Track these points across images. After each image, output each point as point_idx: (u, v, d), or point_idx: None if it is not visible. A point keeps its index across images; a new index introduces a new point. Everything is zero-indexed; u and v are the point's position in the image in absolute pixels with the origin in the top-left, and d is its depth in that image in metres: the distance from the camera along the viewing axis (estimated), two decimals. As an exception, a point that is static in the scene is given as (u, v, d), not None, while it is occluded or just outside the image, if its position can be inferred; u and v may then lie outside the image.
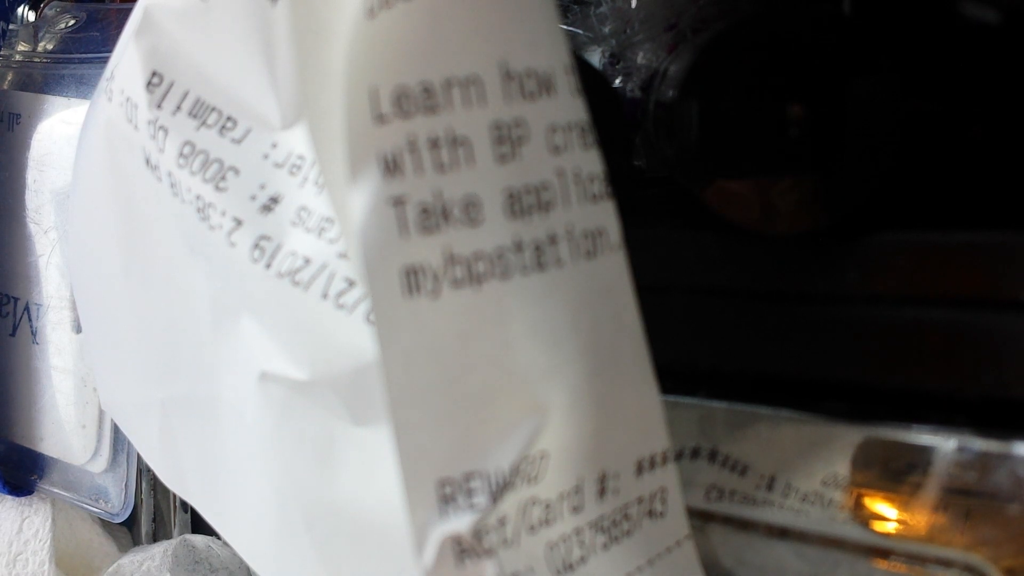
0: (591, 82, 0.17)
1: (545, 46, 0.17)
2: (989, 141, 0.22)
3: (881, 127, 0.23)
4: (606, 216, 0.17)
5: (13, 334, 0.36)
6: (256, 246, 0.19)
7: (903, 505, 0.20)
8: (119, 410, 0.25)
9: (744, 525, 0.22)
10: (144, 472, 0.34)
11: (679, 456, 0.23)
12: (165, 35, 0.20)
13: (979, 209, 0.22)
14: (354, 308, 0.18)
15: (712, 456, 0.23)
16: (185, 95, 0.19)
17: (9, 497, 0.37)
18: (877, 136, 0.23)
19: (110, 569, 0.32)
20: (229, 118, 0.19)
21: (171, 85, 0.20)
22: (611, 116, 0.22)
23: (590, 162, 0.17)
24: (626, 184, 0.18)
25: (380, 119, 0.16)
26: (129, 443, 0.31)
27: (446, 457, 0.16)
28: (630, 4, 0.24)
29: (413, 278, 0.16)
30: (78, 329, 0.33)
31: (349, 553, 0.20)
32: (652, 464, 0.17)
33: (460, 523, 0.16)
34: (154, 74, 0.20)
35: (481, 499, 0.16)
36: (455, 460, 0.16)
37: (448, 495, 0.16)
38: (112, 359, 0.24)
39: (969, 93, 0.22)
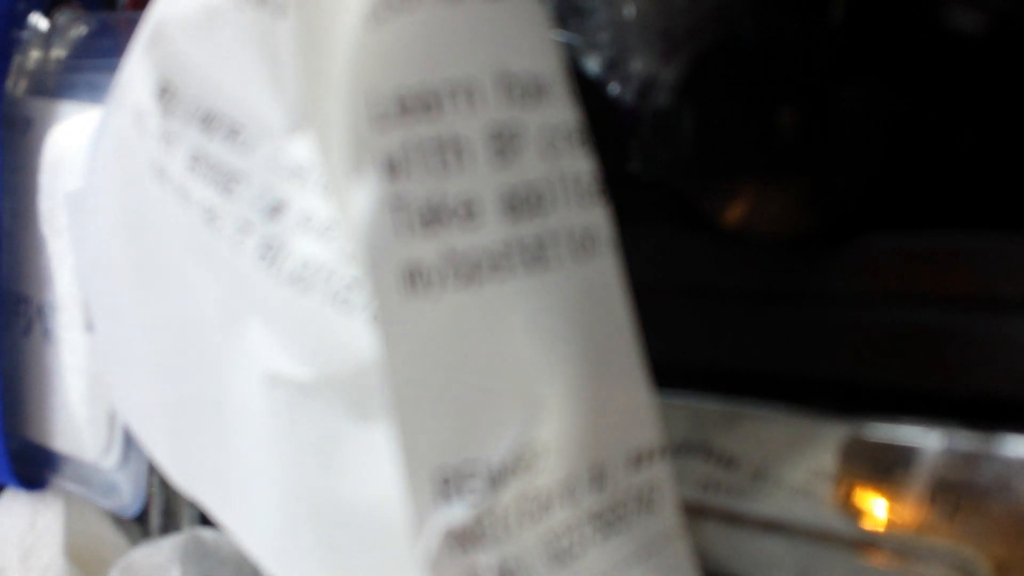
0: (587, 89, 0.18)
1: (539, 53, 0.17)
2: (974, 146, 0.23)
3: (871, 132, 0.23)
4: (599, 218, 0.17)
5: (27, 333, 0.36)
6: (263, 249, 0.19)
7: (892, 499, 0.21)
8: (129, 411, 0.26)
9: (735, 519, 0.23)
10: (155, 467, 0.35)
11: (671, 451, 0.23)
12: (175, 46, 0.20)
13: (967, 211, 0.22)
14: (359, 308, 0.18)
15: (703, 451, 0.23)
16: (195, 104, 0.20)
17: (22, 492, 0.38)
18: (867, 140, 0.23)
19: (121, 562, 0.32)
20: (237, 126, 0.20)
21: (181, 95, 0.20)
22: (607, 122, 0.22)
23: (583, 165, 0.17)
24: (621, 188, 0.19)
25: (382, 120, 0.16)
26: (140, 439, 0.32)
27: (446, 448, 0.17)
28: (626, 13, 0.24)
29: (415, 276, 0.16)
30: (90, 328, 0.33)
31: (353, 548, 0.20)
32: (645, 458, 0.18)
33: (459, 512, 0.16)
34: (165, 84, 0.20)
35: (480, 488, 0.16)
36: (454, 451, 0.17)
37: (447, 485, 0.16)
38: (123, 363, 0.25)
39: (957, 99, 0.23)
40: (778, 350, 0.23)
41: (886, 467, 0.21)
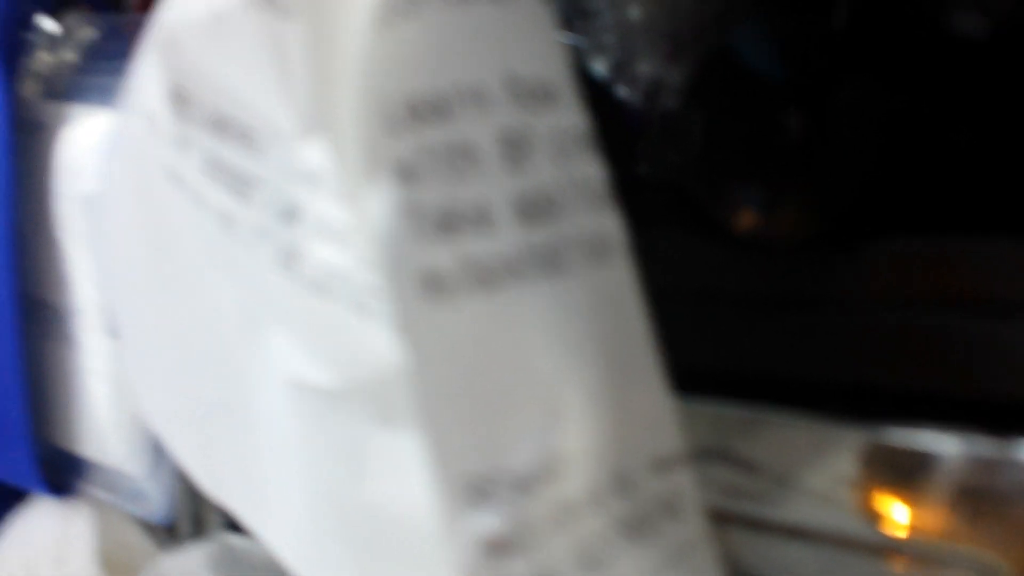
0: (595, 92, 0.18)
1: (546, 56, 0.17)
2: (980, 150, 0.22)
3: (883, 135, 0.23)
4: (611, 223, 0.17)
5: (49, 339, 0.36)
6: (281, 255, 0.19)
7: (913, 505, 0.21)
8: (156, 417, 0.26)
9: (758, 525, 0.23)
10: (183, 473, 0.35)
11: (693, 458, 0.23)
12: (186, 51, 0.20)
13: (991, 215, 0.22)
14: (379, 314, 0.18)
15: (724, 458, 0.23)
16: (207, 109, 0.20)
17: (52, 499, 0.38)
18: (873, 142, 0.23)
19: (151, 569, 0.33)
20: (249, 130, 0.19)
21: (193, 99, 0.20)
22: (615, 125, 0.22)
23: (593, 170, 0.17)
24: (630, 191, 0.19)
25: (394, 126, 0.16)
26: (168, 444, 0.32)
27: (475, 456, 0.17)
28: (632, 15, 0.24)
29: (433, 283, 0.16)
30: (114, 333, 0.34)
31: (383, 555, 0.20)
32: (667, 464, 0.18)
33: (491, 520, 0.16)
34: (176, 89, 0.20)
35: (510, 496, 0.16)
36: (484, 458, 0.17)
37: (478, 493, 0.16)
38: (148, 368, 0.25)
39: (963, 103, 0.22)
40: (795, 355, 0.23)
41: (906, 472, 0.21)
